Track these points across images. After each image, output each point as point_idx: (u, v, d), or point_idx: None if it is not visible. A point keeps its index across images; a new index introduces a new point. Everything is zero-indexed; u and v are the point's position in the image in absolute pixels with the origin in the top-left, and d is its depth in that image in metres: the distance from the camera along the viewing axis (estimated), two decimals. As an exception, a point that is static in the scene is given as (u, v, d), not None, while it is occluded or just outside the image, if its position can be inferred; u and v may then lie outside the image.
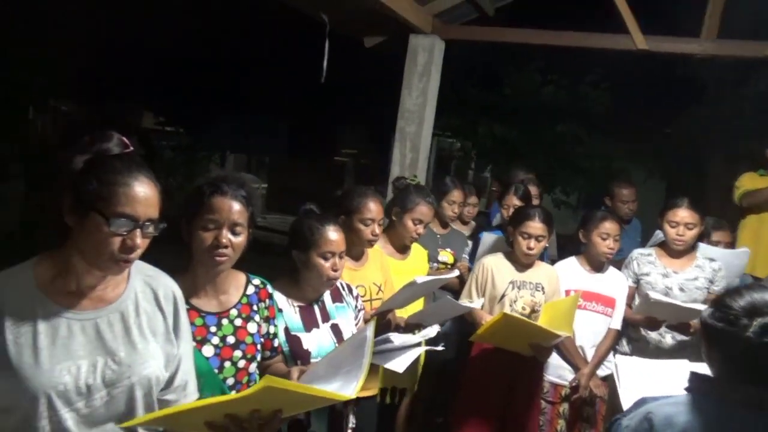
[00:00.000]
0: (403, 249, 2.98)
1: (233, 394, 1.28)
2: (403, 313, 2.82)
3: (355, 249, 2.61)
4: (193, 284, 1.71)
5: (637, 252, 3.21)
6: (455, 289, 3.22)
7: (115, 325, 1.33)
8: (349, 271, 2.56)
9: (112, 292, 1.35)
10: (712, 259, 3.09)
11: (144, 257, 1.37)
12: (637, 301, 3.12)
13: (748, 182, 4.02)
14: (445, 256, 3.45)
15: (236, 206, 1.66)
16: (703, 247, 3.19)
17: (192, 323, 1.65)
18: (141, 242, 1.28)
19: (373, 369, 2.02)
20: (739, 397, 1.34)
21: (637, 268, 3.13)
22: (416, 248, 3.07)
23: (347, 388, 1.46)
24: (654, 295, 2.85)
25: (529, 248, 2.87)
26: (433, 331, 2.08)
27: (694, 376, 1.44)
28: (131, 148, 1.34)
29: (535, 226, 2.87)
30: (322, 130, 12.82)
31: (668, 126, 9.66)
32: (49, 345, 1.25)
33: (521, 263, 2.95)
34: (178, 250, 1.73)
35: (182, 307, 1.48)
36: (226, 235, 1.64)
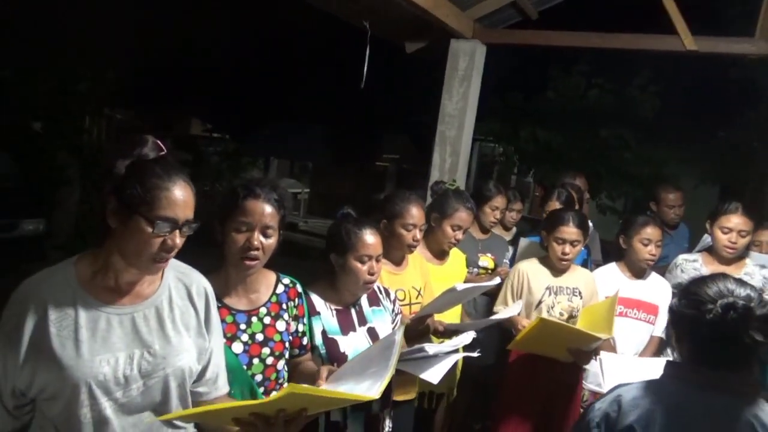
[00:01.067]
0: (441, 254, 2.97)
1: (259, 400, 1.32)
2: (443, 317, 2.82)
3: (396, 253, 2.62)
4: (225, 283, 1.77)
5: (681, 258, 3.10)
6: (493, 294, 3.18)
7: (150, 319, 1.39)
8: (389, 275, 2.58)
9: (147, 288, 1.42)
10: (762, 266, 2.96)
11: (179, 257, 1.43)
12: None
13: None
14: (486, 261, 3.42)
15: (268, 209, 1.71)
16: (754, 255, 3.07)
17: (223, 320, 1.70)
18: (179, 242, 1.35)
19: (411, 374, 2.04)
20: (700, 380, 1.42)
21: (681, 275, 3.03)
22: (455, 253, 3.05)
23: (371, 389, 1.47)
24: None
25: (564, 253, 2.81)
26: (468, 338, 2.06)
27: (667, 364, 1.53)
28: (165, 151, 1.40)
29: (570, 231, 2.81)
30: (364, 136, 12.94)
31: (721, 130, 9.31)
32: (90, 338, 1.32)
33: (557, 268, 2.90)
34: (209, 251, 1.78)
35: (213, 303, 1.53)
36: (258, 238, 1.70)
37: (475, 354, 2.07)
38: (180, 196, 1.33)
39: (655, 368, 1.85)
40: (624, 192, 8.51)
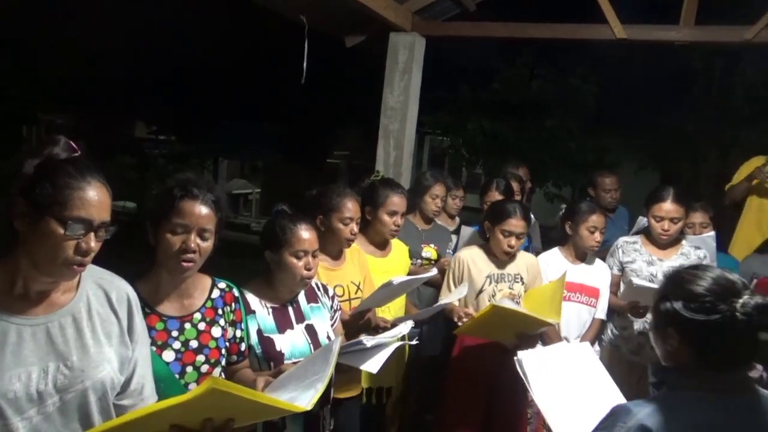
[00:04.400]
0: (383, 245, 2.96)
1: (177, 398, 1.24)
2: (391, 309, 2.82)
3: (333, 248, 2.60)
4: (156, 288, 1.70)
5: (622, 240, 3.20)
6: (438, 285, 3.20)
7: (66, 329, 1.31)
8: (326, 270, 2.55)
9: (63, 296, 1.34)
10: (697, 247, 3.08)
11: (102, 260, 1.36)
12: (622, 288, 3.11)
13: (744, 170, 3.96)
14: (429, 251, 3.43)
15: (205, 211, 1.66)
16: (689, 237, 3.19)
17: (153, 327, 1.64)
18: (94, 245, 1.28)
19: (354, 370, 2.02)
20: (719, 386, 1.32)
21: (622, 256, 3.12)
22: (397, 245, 3.04)
23: (303, 398, 1.44)
24: (636, 281, 2.85)
25: (510, 246, 2.82)
26: (406, 327, 2.06)
27: (666, 372, 1.42)
28: (78, 152, 1.33)
29: (518, 224, 2.81)
30: (314, 133, 12.84)
31: (660, 117, 9.65)
32: None
33: (498, 257, 2.91)
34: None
35: (137, 310, 1.46)
36: (195, 240, 1.63)
37: (414, 341, 2.07)
38: (94, 196, 1.27)
39: (571, 355, 1.86)
40: (570, 180, 8.72)
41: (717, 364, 1.33)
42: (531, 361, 1.93)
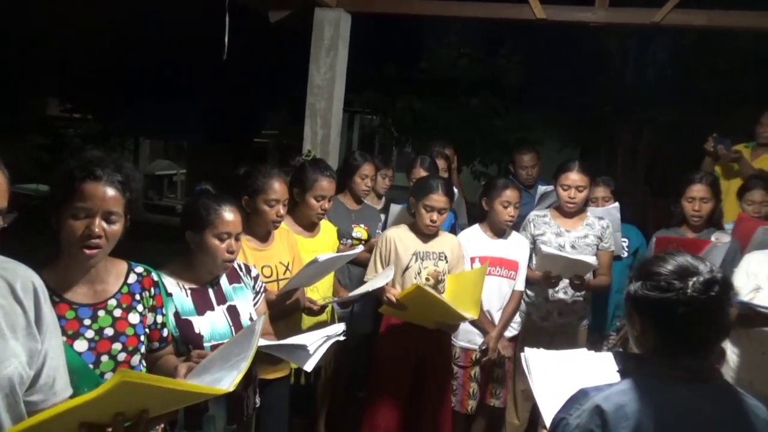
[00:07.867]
0: (311, 227, 2.95)
1: (85, 395, 1.18)
2: (319, 287, 2.82)
3: (260, 230, 2.57)
4: (63, 275, 1.60)
5: (533, 214, 3.34)
6: (366, 264, 3.22)
7: None
8: (254, 252, 2.52)
9: None
10: (600, 218, 3.27)
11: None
12: (534, 259, 3.25)
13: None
14: (359, 231, 3.45)
15: (110, 192, 1.55)
16: (591, 209, 3.37)
17: (63, 317, 1.55)
18: None
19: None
20: (680, 373, 1.30)
21: (533, 229, 3.27)
22: (325, 225, 3.04)
23: (226, 380, 1.42)
24: (545, 249, 3.02)
25: (432, 221, 2.87)
26: (339, 328, 2.07)
27: (627, 359, 1.41)
28: None
29: (438, 198, 2.86)
30: (240, 113, 12.45)
31: (580, 97, 10.04)
32: None
33: (424, 234, 2.96)
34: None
35: (44, 299, 1.36)
36: (100, 224, 1.53)
37: (342, 338, 2.09)
38: None
39: (580, 360, 1.86)
40: (496, 158, 8.94)
41: (676, 348, 1.31)
42: (536, 359, 1.90)
